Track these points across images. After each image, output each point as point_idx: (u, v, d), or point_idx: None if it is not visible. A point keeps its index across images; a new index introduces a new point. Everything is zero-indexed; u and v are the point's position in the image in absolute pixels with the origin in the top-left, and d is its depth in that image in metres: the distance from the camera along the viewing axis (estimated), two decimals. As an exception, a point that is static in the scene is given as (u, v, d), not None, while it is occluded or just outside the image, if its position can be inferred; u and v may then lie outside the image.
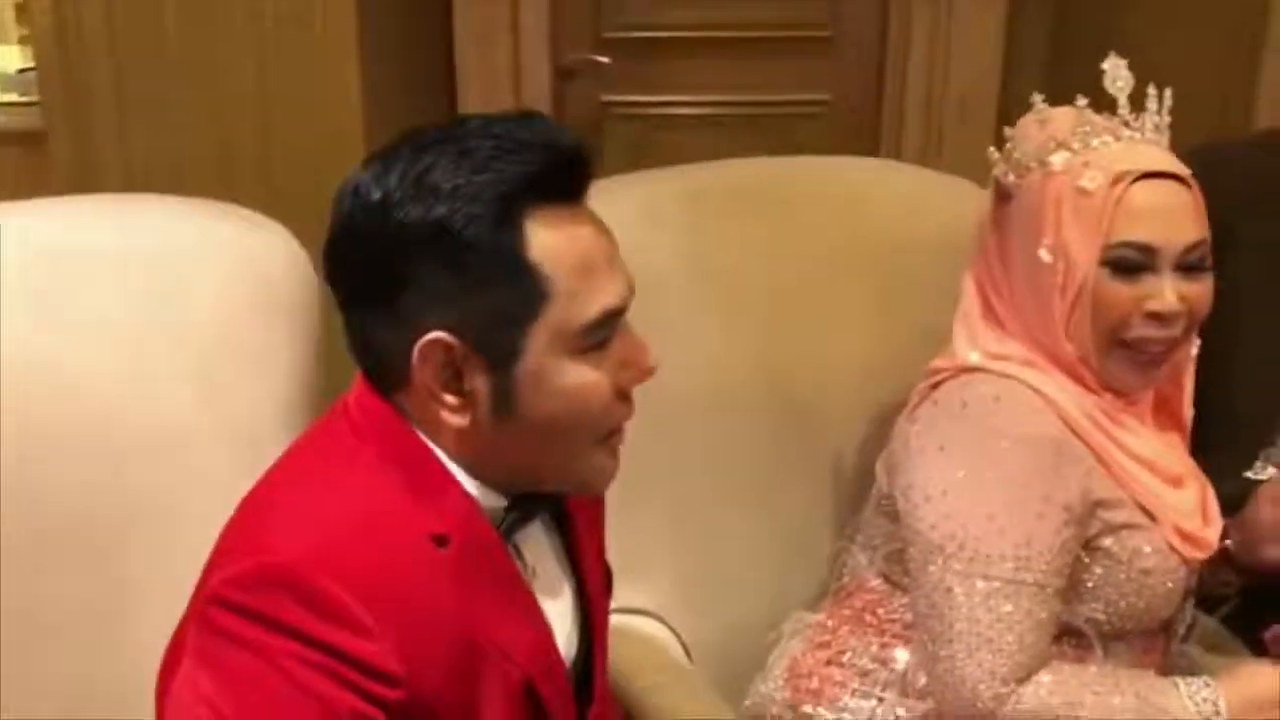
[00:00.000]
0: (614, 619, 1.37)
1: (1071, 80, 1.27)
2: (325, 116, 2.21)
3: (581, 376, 0.89)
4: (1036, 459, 1.18)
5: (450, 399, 0.88)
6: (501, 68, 2.89)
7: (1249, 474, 1.35)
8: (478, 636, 0.88)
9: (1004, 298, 1.27)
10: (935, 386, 1.28)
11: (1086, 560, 1.22)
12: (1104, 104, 1.25)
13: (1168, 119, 1.24)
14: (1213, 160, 1.84)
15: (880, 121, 3.06)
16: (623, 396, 0.93)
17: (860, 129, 3.06)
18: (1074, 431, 1.21)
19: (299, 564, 0.83)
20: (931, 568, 1.19)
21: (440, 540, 0.88)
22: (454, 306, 0.86)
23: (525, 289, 0.86)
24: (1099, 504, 1.21)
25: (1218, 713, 1.16)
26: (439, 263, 0.85)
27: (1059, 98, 1.27)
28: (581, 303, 0.87)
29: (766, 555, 1.50)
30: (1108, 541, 1.22)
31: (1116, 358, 1.22)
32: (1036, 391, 1.22)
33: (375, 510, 0.88)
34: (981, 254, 1.30)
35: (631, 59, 3.01)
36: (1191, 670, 1.27)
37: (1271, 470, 1.35)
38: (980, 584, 1.16)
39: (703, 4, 2.97)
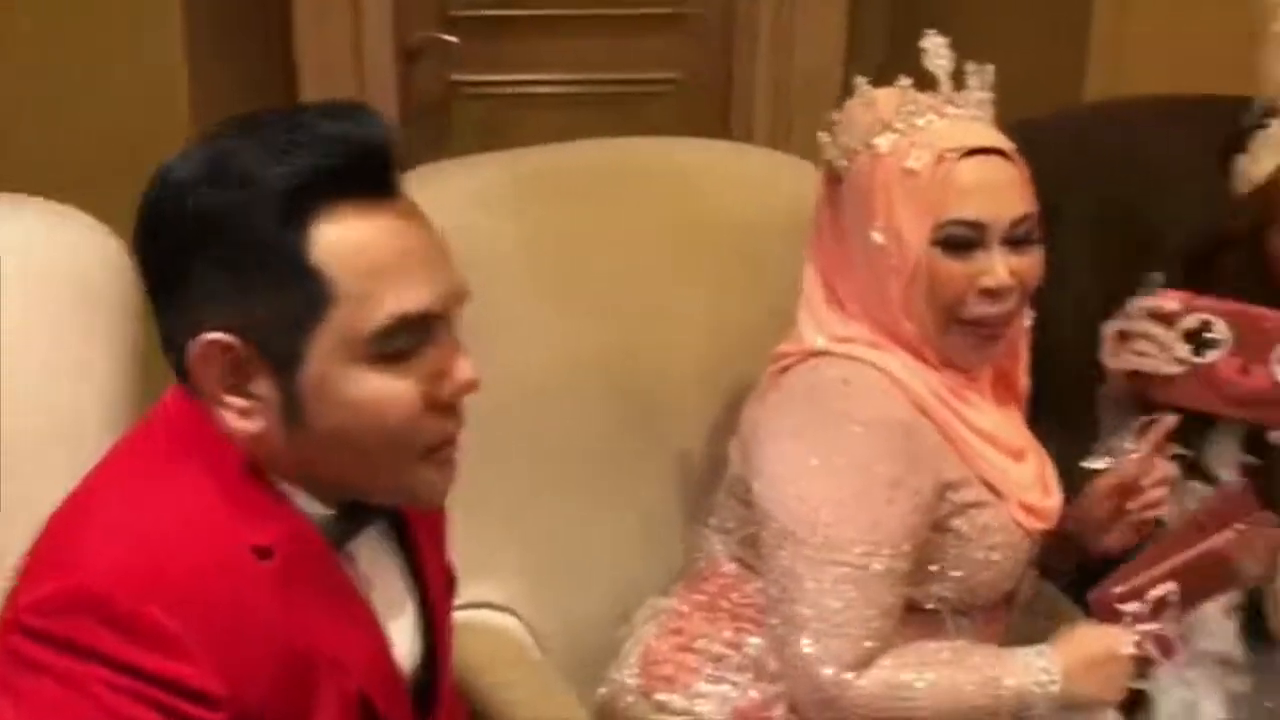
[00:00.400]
0: (463, 614, 1.35)
1: (915, 55, 1.27)
2: (145, 100, 2.09)
3: (375, 387, 0.83)
4: (887, 444, 1.18)
5: (235, 402, 0.83)
6: (342, 47, 2.79)
7: (1085, 464, 1.38)
8: (308, 649, 0.85)
9: (844, 280, 1.28)
10: (784, 371, 1.28)
11: (936, 541, 1.23)
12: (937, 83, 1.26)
13: (990, 94, 1.25)
14: (1039, 134, 1.89)
15: (730, 100, 3.06)
16: (439, 409, 0.86)
17: (711, 108, 3.06)
18: (922, 410, 1.22)
19: (107, 584, 0.79)
20: (782, 553, 1.19)
21: (262, 552, 0.83)
22: (235, 305, 0.81)
23: (307, 290, 0.81)
24: (948, 485, 1.22)
25: (1053, 680, 1.19)
26: (220, 256, 0.81)
27: (905, 57, 1.27)
28: (370, 307, 0.82)
29: (618, 543, 1.49)
30: (956, 522, 1.23)
31: (955, 335, 1.23)
32: (884, 372, 1.22)
33: (191, 523, 0.83)
34: (819, 238, 1.30)
35: (480, 38, 2.95)
36: (1032, 637, 1.30)
37: (1107, 461, 1.38)
38: (830, 570, 1.16)
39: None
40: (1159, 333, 1.38)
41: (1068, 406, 1.47)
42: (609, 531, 1.48)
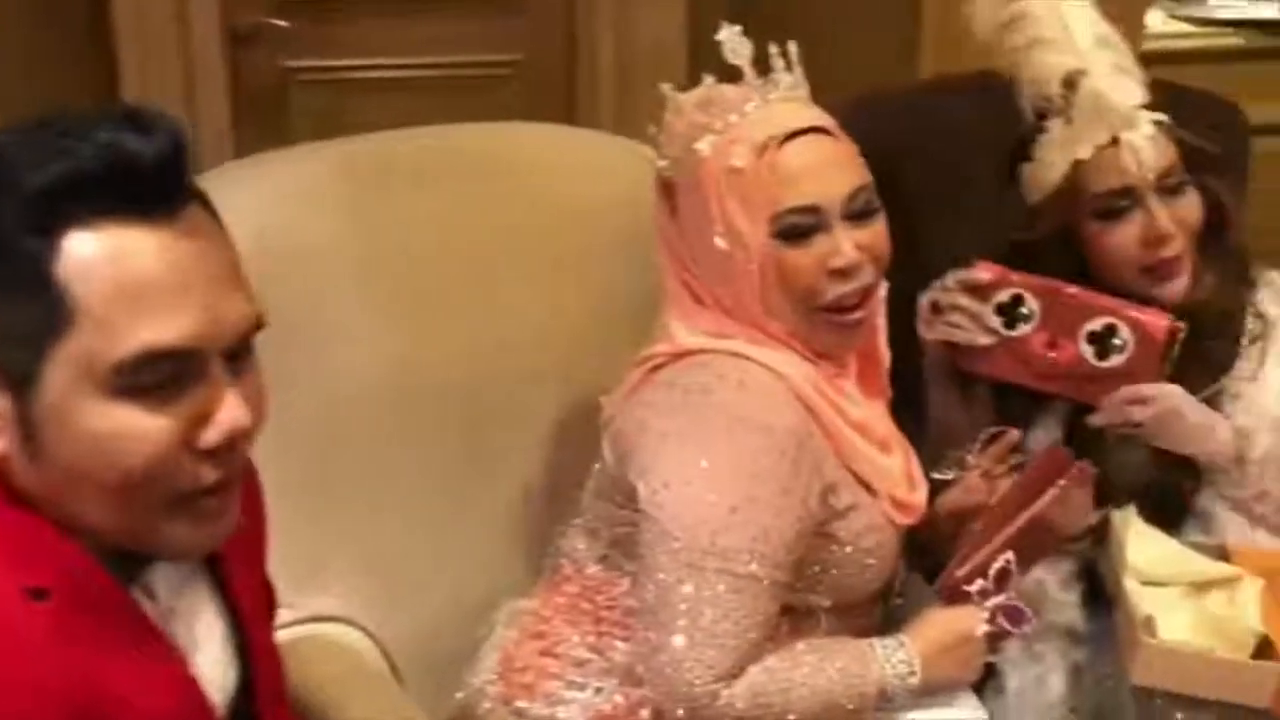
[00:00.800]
0: (300, 630, 1.30)
1: (756, 29, 1.23)
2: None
3: (119, 421, 0.75)
4: (779, 452, 1.15)
5: None
6: (165, 32, 2.66)
7: (935, 474, 1.38)
8: (93, 694, 0.77)
9: (703, 286, 1.24)
10: (656, 369, 1.23)
11: (816, 545, 1.21)
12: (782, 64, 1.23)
13: (798, 73, 1.22)
14: (878, 106, 1.91)
15: (575, 81, 3.02)
16: (199, 454, 0.78)
17: (556, 89, 3.01)
18: (807, 405, 1.19)
19: None
20: (663, 557, 1.15)
21: (36, 593, 0.75)
22: None
23: (46, 304, 0.73)
24: (829, 489, 1.20)
25: (912, 671, 1.19)
26: None
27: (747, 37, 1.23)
28: (117, 335, 0.74)
29: (474, 547, 1.44)
30: (835, 526, 1.21)
31: (819, 324, 1.21)
32: (772, 371, 1.19)
33: None
34: (668, 247, 1.27)
35: (313, 21, 2.85)
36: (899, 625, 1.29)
37: (955, 472, 1.39)
38: (711, 578, 1.13)
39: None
40: (970, 304, 1.39)
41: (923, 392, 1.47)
42: (464, 536, 1.43)
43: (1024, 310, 1.38)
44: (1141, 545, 1.34)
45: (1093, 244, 1.41)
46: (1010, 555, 1.23)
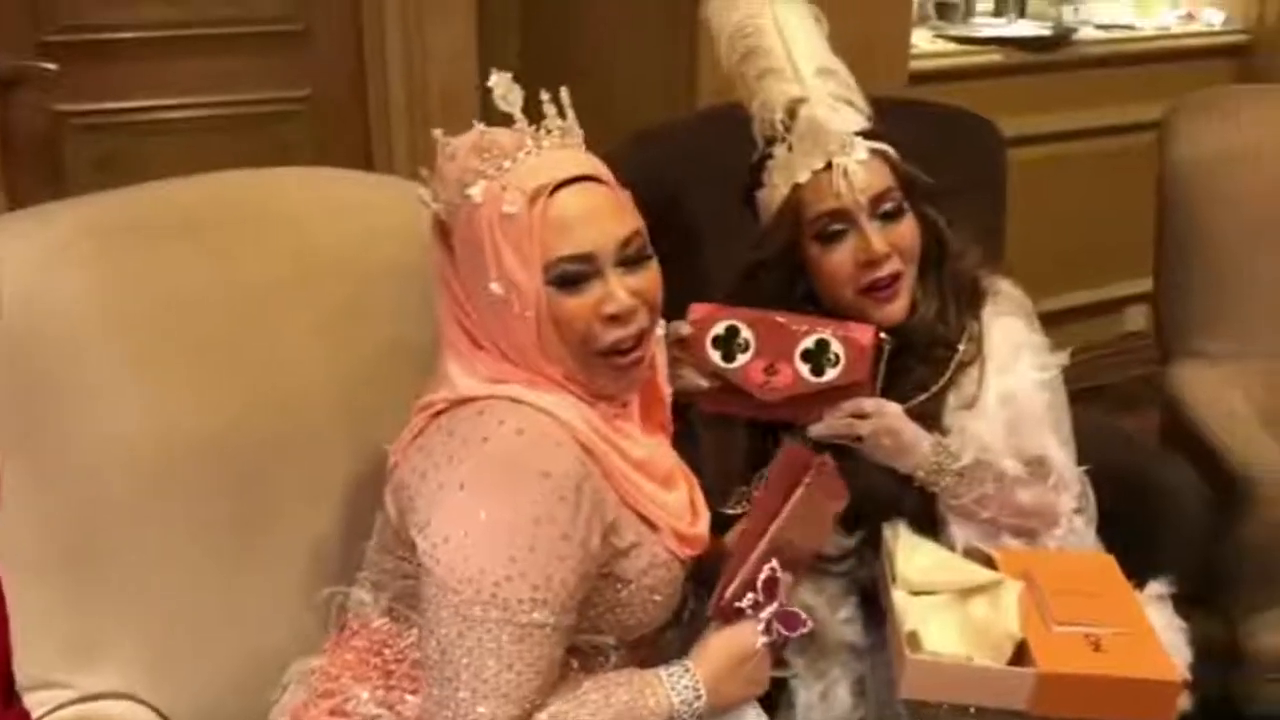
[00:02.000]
0: (78, 709, 1.25)
1: (548, 57, 1.24)
2: None
3: None
4: (559, 498, 1.14)
5: None
6: (-83, 81, 2.53)
7: (724, 509, 1.41)
8: None
9: (480, 330, 1.23)
10: (436, 415, 1.22)
11: (599, 586, 1.21)
12: (566, 82, 1.23)
13: (572, 118, 1.23)
14: (659, 140, 1.96)
15: (368, 116, 2.98)
16: None
17: (347, 125, 2.97)
18: (586, 448, 1.19)
19: None
20: (445, 611, 1.13)
21: None
22: None
23: None
24: (610, 529, 1.20)
25: (698, 695, 1.20)
26: None
27: (536, 78, 1.22)
28: None
29: (257, 608, 1.40)
30: (617, 566, 1.22)
31: (597, 368, 1.21)
32: (551, 416, 1.18)
33: None
34: (445, 289, 1.25)
35: (84, 64, 2.74)
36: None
37: (743, 506, 1.42)
38: (493, 629, 1.11)
39: (153, 1, 2.75)
40: (682, 355, 1.43)
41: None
42: (238, 598, 1.39)
43: (740, 340, 1.42)
44: (909, 555, 1.39)
45: (814, 265, 1.46)
46: (774, 563, 1.24)
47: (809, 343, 1.41)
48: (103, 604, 1.30)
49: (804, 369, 1.41)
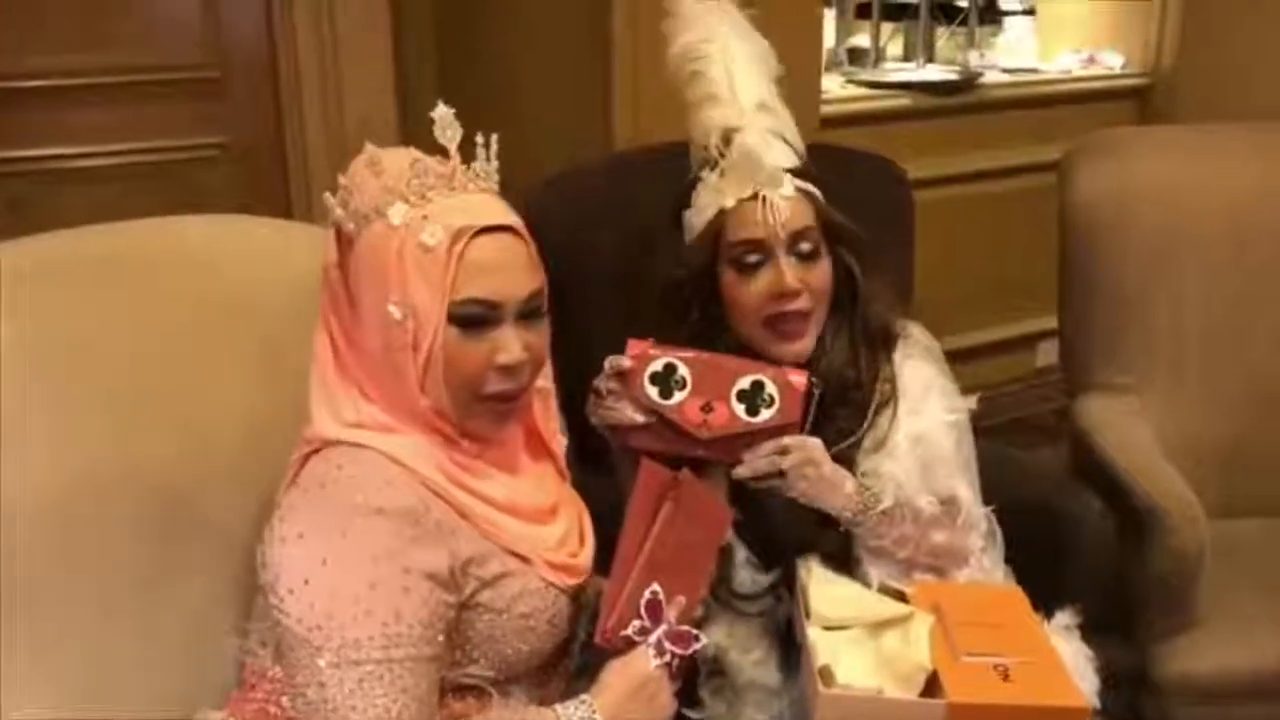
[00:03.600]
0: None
1: (460, 93, 1.25)
2: None
3: None
4: (395, 532, 1.14)
5: None
6: None
7: None
8: None
9: (358, 353, 1.24)
10: (303, 463, 1.22)
11: (467, 618, 1.21)
12: (483, 121, 1.24)
13: (495, 164, 1.24)
14: (571, 183, 1.98)
15: (285, 160, 2.98)
16: None
17: (264, 169, 2.97)
18: (434, 492, 1.20)
19: None
20: (302, 662, 1.13)
21: None
22: None
23: None
24: (469, 561, 1.20)
25: None
26: None
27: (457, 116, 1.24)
28: None
29: (165, 659, 1.38)
30: (485, 596, 1.22)
31: (475, 411, 1.22)
32: (392, 459, 1.19)
33: None
34: (332, 305, 1.25)
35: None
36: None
37: None
38: (353, 671, 1.11)
39: (68, 49, 2.74)
40: (620, 387, 1.44)
41: (600, 453, 1.52)
42: (154, 649, 1.37)
43: (677, 377, 1.43)
44: (823, 591, 1.41)
45: (726, 291, 1.49)
46: (655, 586, 1.24)
47: (744, 383, 1.43)
48: (12, 651, 1.27)
49: (739, 408, 1.43)
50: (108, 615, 1.34)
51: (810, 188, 1.48)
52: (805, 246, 1.46)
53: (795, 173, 1.48)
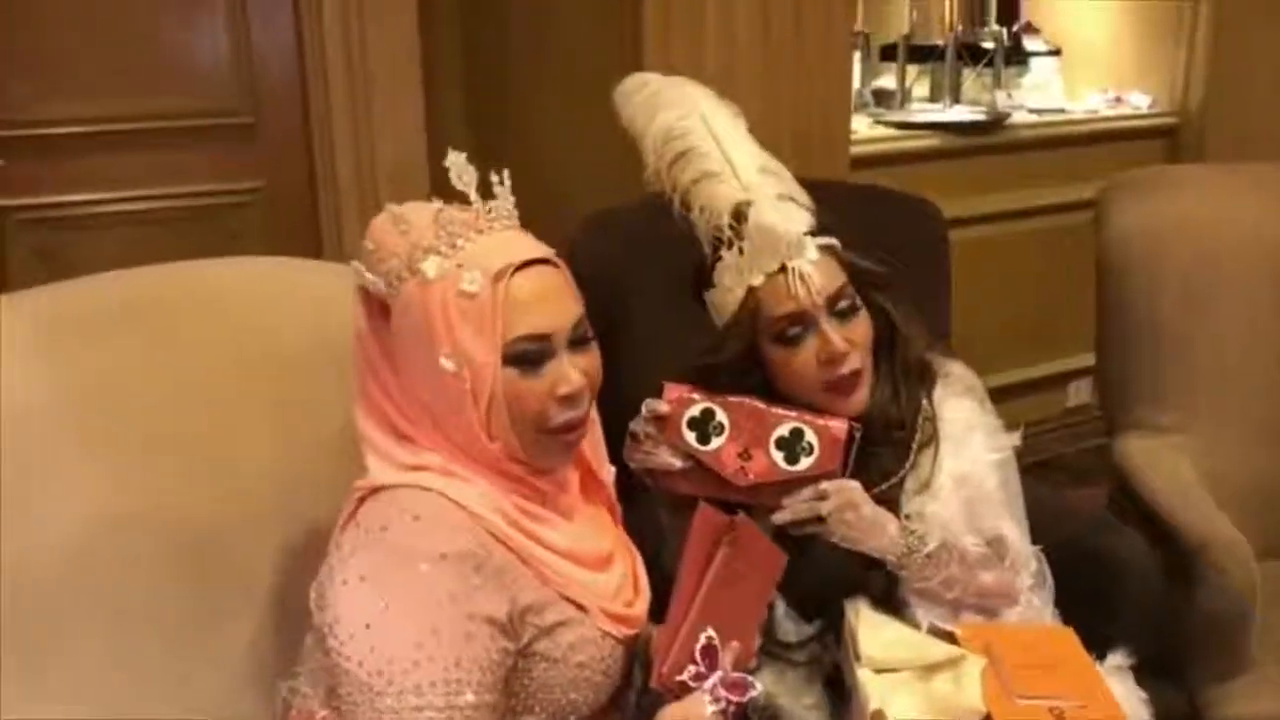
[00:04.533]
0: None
1: (492, 138, 1.24)
2: None
3: None
4: (458, 577, 1.13)
5: None
6: None
7: None
8: None
9: (407, 414, 1.22)
10: (358, 506, 1.21)
11: (523, 666, 1.19)
12: (513, 161, 1.24)
13: (512, 200, 1.24)
14: (605, 224, 1.98)
15: (317, 205, 3.00)
16: None
17: (298, 214, 2.99)
18: (495, 537, 1.18)
19: None
20: (361, 707, 1.11)
21: None
22: None
23: None
24: (528, 609, 1.19)
25: None
26: None
27: (484, 162, 1.24)
28: None
29: (208, 703, 1.37)
30: (542, 645, 1.20)
31: (544, 447, 1.22)
32: (454, 503, 1.18)
33: None
34: (370, 372, 1.25)
35: (24, 158, 2.75)
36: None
37: None
38: (412, 717, 1.09)
39: (99, 96, 2.77)
40: (657, 432, 1.43)
41: (646, 495, 1.50)
42: (193, 697, 1.36)
43: (716, 423, 1.42)
44: (873, 634, 1.39)
45: (775, 366, 1.46)
46: (710, 631, 1.23)
47: (784, 430, 1.41)
48: (53, 699, 1.26)
49: (778, 456, 1.41)
50: (142, 659, 1.34)
51: (831, 241, 1.45)
52: (843, 305, 1.43)
53: (814, 232, 1.44)
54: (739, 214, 1.44)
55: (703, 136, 1.48)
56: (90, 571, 1.30)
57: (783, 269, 1.41)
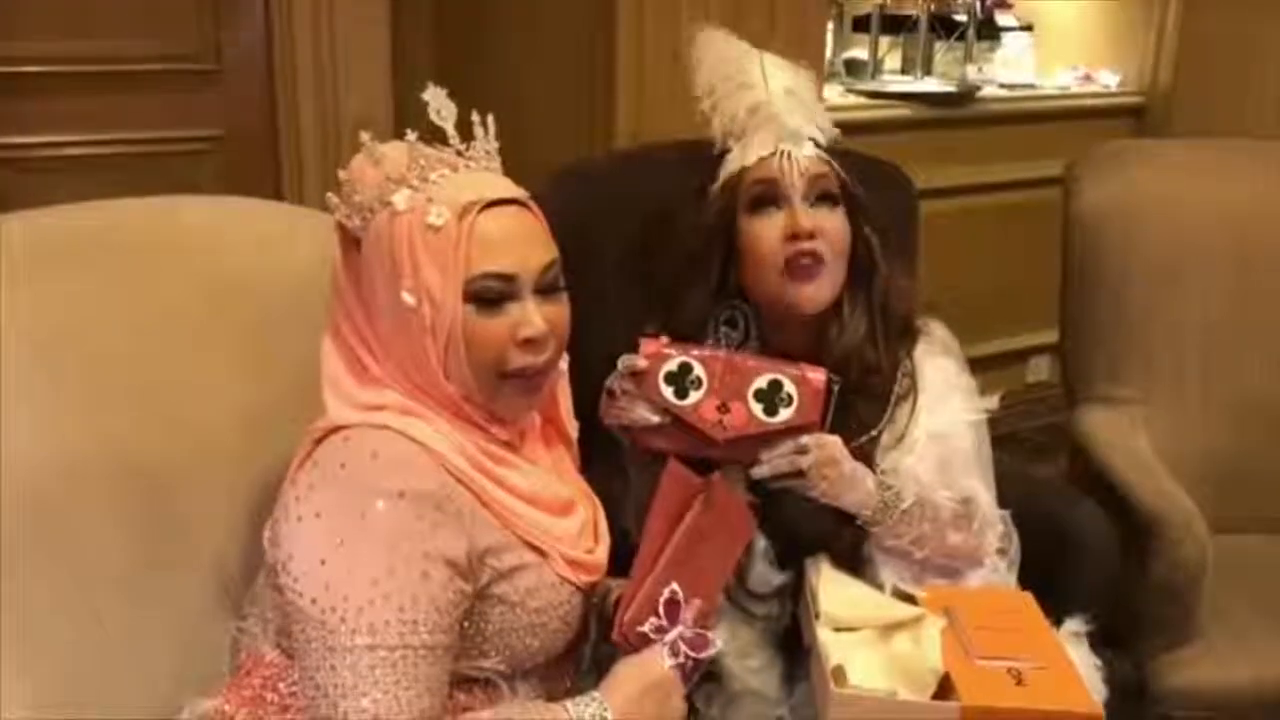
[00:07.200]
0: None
1: (461, 90, 1.23)
2: None
3: None
4: (415, 516, 1.11)
5: None
6: None
7: None
8: None
9: (372, 348, 1.21)
10: (315, 446, 1.19)
11: (480, 609, 1.18)
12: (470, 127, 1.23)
13: (496, 144, 1.23)
14: (578, 177, 1.96)
15: (279, 156, 2.95)
16: None
17: (258, 162, 2.94)
18: (455, 478, 1.17)
19: None
20: (314, 644, 1.10)
21: None
22: None
23: None
24: (486, 551, 1.18)
25: None
26: None
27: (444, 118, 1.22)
28: None
29: (155, 646, 1.34)
30: (499, 588, 1.19)
31: (501, 391, 1.20)
32: (415, 441, 1.16)
33: None
34: (340, 306, 1.23)
35: (-12, 97, 2.68)
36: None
37: None
38: (366, 656, 1.08)
39: (57, 37, 2.70)
40: (634, 388, 1.42)
41: (612, 451, 1.49)
42: (144, 635, 1.33)
43: (693, 377, 1.41)
44: (833, 592, 1.39)
45: (743, 235, 1.48)
46: (674, 586, 1.22)
47: (762, 382, 1.40)
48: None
49: (757, 409, 1.40)
50: (89, 606, 1.31)
51: (829, 160, 1.49)
52: (821, 193, 1.46)
53: (821, 147, 1.49)
54: (753, 110, 1.49)
55: (754, 70, 1.52)
56: (47, 506, 1.27)
57: (776, 153, 1.46)
